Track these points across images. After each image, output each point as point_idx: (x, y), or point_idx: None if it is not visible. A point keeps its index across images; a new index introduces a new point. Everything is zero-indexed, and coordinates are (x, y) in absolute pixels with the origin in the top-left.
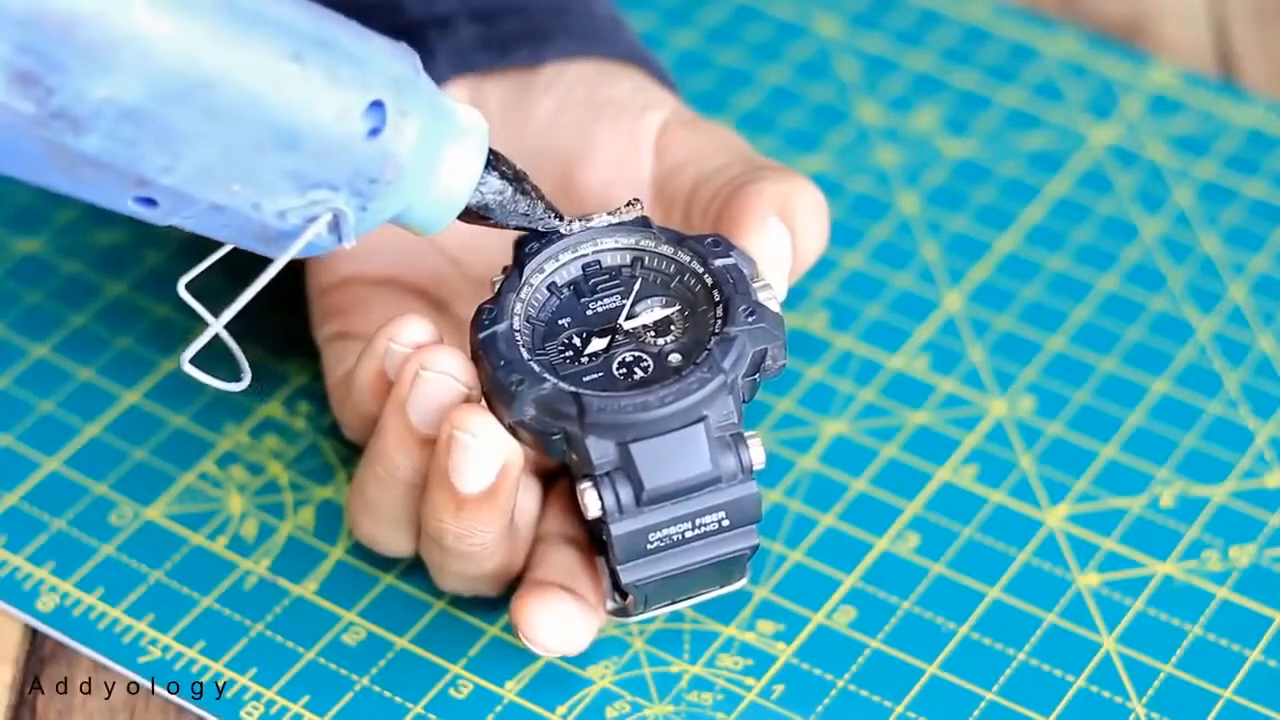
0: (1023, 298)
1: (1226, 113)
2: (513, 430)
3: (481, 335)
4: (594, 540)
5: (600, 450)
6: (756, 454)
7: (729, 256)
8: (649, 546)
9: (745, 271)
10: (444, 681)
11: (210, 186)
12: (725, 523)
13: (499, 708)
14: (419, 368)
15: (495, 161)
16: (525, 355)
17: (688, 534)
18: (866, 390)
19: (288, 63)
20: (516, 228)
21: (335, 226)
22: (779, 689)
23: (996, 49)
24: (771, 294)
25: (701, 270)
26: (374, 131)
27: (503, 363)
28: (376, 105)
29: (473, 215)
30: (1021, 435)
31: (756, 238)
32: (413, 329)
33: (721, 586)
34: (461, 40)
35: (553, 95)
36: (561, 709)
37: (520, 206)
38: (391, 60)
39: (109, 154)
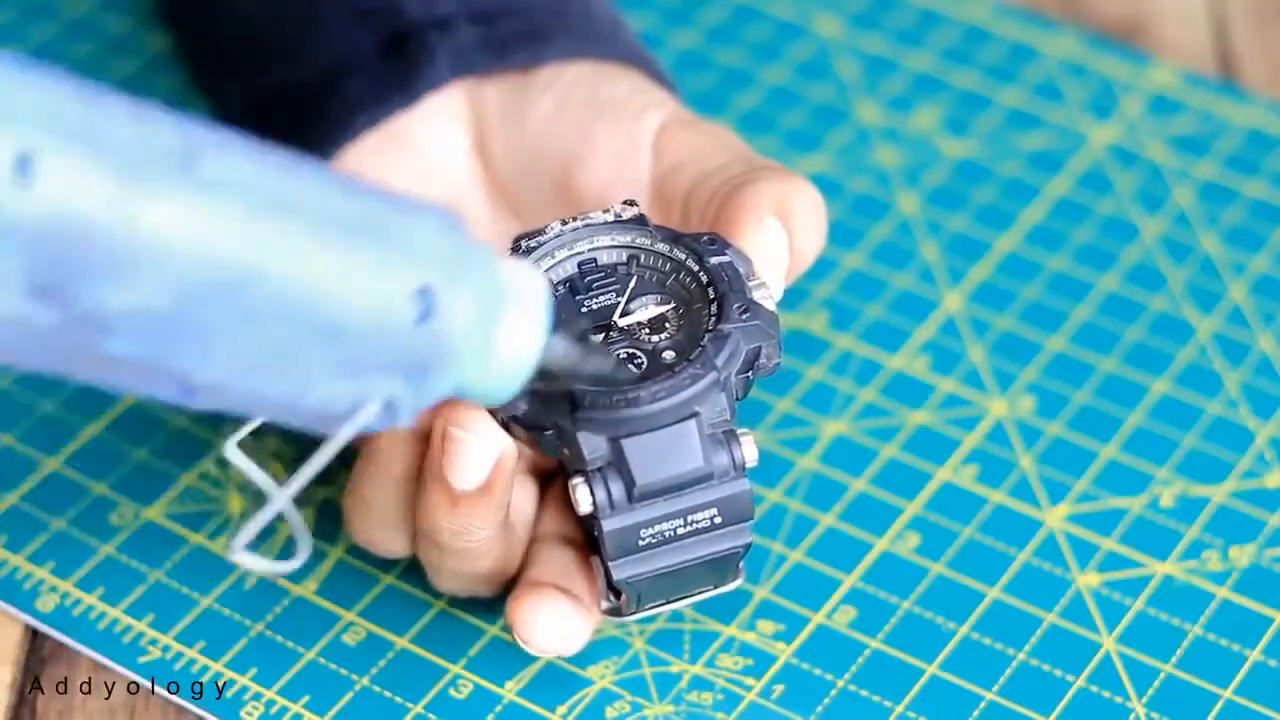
0: (1023, 298)
1: (1227, 113)
2: (506, 426)
3: None
4: (589, 539)
5: (592, 445)
6: (749, 451)
7: (724, 254)
8: (640, 543)
9: (741, 270)
10: (444, 681)
11: (249, 378)
12: (717, 520)
13: (499, 708)
14: None
15: (558, 325)
16: None
17: (679, 531)
18: (866, 390)
19: (324, 254)
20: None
21: (389, 408)
22: (779, 689)
23: (996, 49)
24: (767, 292)
25: (697, 268)
26: (422, 319)
27: None
28: (422, 290)
29: (538, 379)
30: (1021, 435)
31: (753, 237)
32: None
33: (716, 586)
34: (461, 42)
35: (551, 96)
36: (561, 709)
37: (589, 366)
38: (436, 234)
39: (140, 355)
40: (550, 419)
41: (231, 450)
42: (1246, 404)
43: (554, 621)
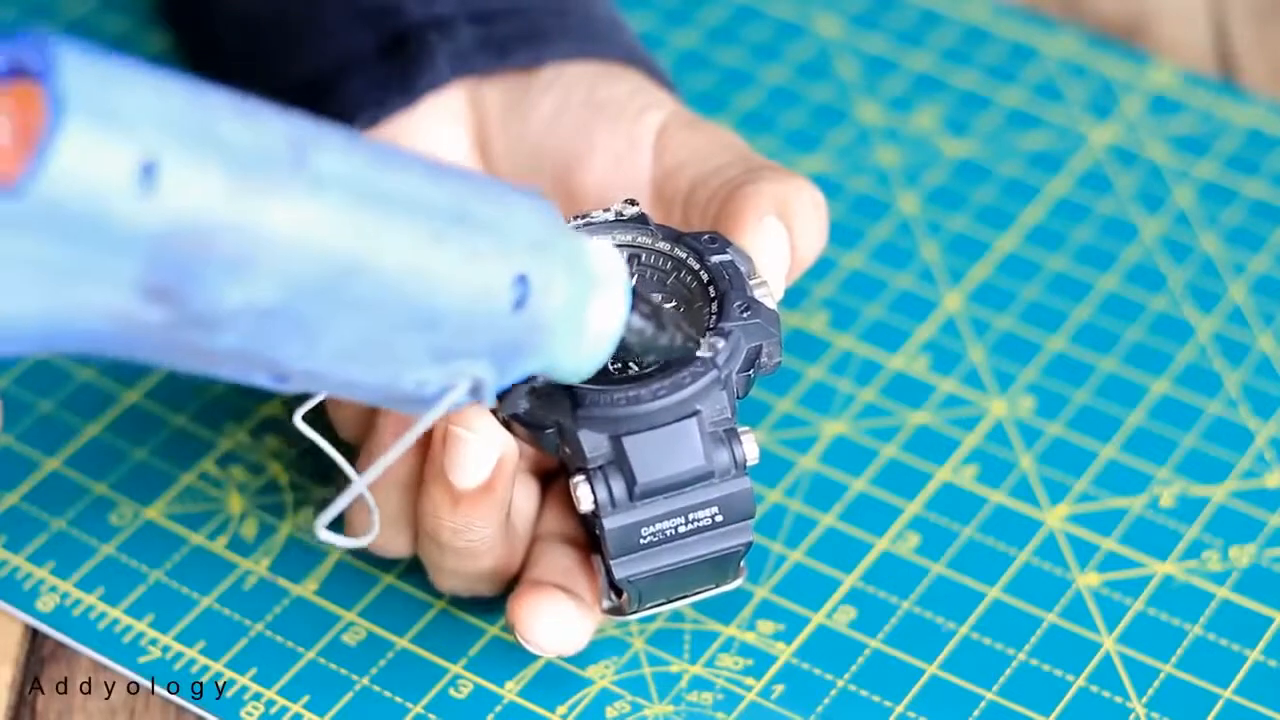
0: (1023, 298)
1: (1226, 113)
2: (507, 424)
3: None
4: (590, 538)
5: (593, 444)
6: (750, 449)
7: (725, 253)
8: (641, 541)
9: (742, 269)
10: (444, 681)
11: (346, 366)
12: (719, 518)
13: (499, 708)
14: None
15: (635, 302)
16: None
17: (681, 529)
18: (866, 390)
19: (427, 246)
20: (653, 361)
21: (476, 390)
22: (779, 689)
23: (996, 49)
24: (768, 291)
25: (698, 266)
26: (519, 304)
27: None
28: (520, 277)
29: (615, 355)
30: (1021, 435)
31: (754, 236)
32: None
33: (717, 585)
34: (461, 42)
35: (552, 96)
36: (561, 709)
37: (661, 340)
38: (531, 220)
39: (244, 348)
40: (551, 417)
41: (300, 423)
42: (1246, 404)
43: (556, 621)
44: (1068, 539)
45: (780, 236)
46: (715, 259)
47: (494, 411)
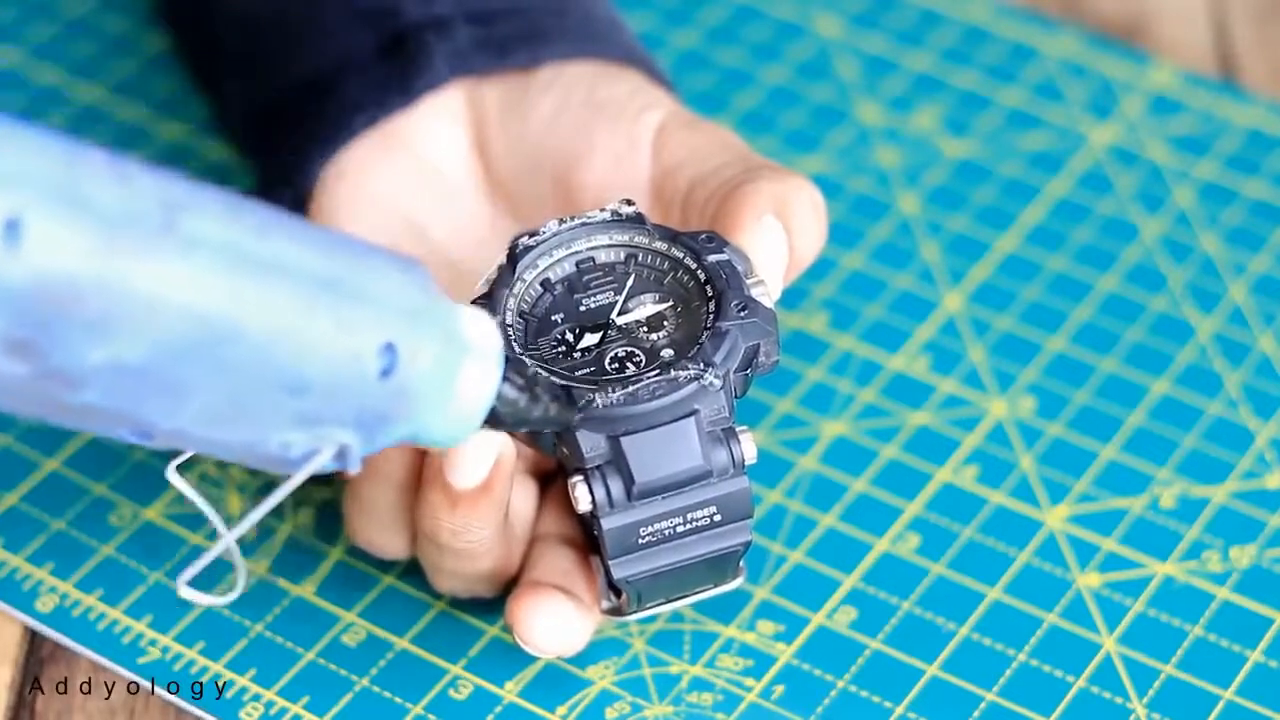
0: (1023, 298)
1: (1227, 113)
2: None
3: None
4: (589, 538)
5: (590, 443)
6: (748, 449)
7: (722, 253)
8: (640, 541)
9: (739, 268)
10: (444, 682)
11: (212, 427)
12: (717, 518)
13: (499, 708)
14: None
15: (508, 373)
16: (517, 350)
17: (679, 529)
18: (866, 390)
19: (297, 312)
20: (526, 433)
21: (341, 455)
22: (779, 690)
23: (996, 49)
24: (765, 290)
25: (695, 266)
26: (386, 372)
27: None
28: (387, 345)
29: (486, 424)
30: (1022, 436)
31: (752, 236)
32: None
33: (716, 586)
34: (459, 42)
35: (551, 96)
36: (561, 709)
37: (534, 413)
38: (403, 289)
39: (107, 405)
40: None
41: (173, 475)
42: (1247, 404)
43: (554, 622)
44: (1068, 539)
45: (778, 235)
46: (712, 258)
47: None
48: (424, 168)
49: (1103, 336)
